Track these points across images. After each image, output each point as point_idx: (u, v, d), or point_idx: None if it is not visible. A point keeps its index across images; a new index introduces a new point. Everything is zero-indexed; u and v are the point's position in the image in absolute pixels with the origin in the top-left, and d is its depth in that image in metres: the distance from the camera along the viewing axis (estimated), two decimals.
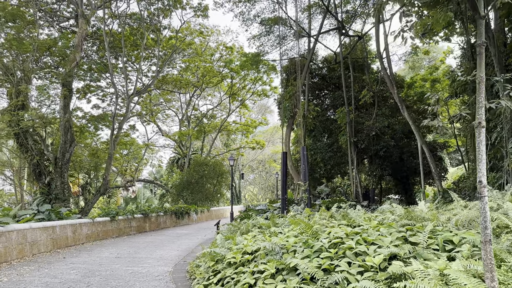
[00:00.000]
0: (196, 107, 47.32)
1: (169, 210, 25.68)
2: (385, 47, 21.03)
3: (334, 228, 6.87)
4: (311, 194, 24.02)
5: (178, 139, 44.75)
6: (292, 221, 7.57)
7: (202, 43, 40.12)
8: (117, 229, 19.36)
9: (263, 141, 49.29)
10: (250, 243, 7.33)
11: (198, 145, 51.06)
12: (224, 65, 40.75)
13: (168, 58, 33.07)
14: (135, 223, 21.23)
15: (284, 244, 6.45)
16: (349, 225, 7.21)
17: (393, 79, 20.84)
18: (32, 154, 24.11)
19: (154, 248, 14.60)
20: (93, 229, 17.18)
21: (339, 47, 23.86)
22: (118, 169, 36.88)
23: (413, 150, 27.32)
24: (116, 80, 37.40)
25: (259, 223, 10.09)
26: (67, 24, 33.97)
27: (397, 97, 20.54)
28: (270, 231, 8.75)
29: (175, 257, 12.17)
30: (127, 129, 40.27)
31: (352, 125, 23.55)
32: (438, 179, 20.41)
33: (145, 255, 12.72)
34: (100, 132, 39.63)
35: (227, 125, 46.84)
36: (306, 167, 12.33)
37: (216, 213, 35.76)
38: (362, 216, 8.26)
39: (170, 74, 40.65)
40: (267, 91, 45.58)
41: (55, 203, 23.62)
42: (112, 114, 29.65)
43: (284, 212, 13.10)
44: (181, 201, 35.75)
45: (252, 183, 78.00)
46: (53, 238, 13.61)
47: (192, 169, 37.33)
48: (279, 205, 19.65)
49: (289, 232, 8.02)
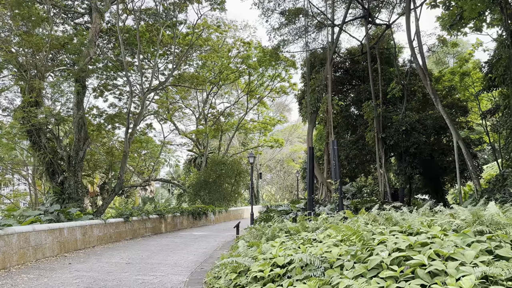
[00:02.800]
0: (213, 105, 46.27)
1: (186, 210, 24.58)
2: (417, 34, 19.42)
3: (385, 235, 5.50)
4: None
5: (195, 137, 43.79)
6: (335, 227, 6.22)
7: (219, 39, 39.00)
8: (131, 230, 18.32)
9: (282, 139, 47.94)
10: (280, 252, 6.02)
11: (215, 145, 50.01)
12: (241, 61, 39.55)
13: (185, 53, 32.04)
14: (150, 224, 20.18)
15: (325, 255, 5.13)
16: (403, 232, 5.82)
17: (426, 70, 19.21)
18: (45, 152, 23.33)
19: (169, 252, 13.43)
20: (105, 230, 16.14)
21: (365, 37, 22.31)
22: (134, 168, 36.07)
23: (444, 147, 25.56)
24: (132, 78, 36.73)
25: (286, 227, 8.77)
26: (81, 21, 33.31)
27: (430, 89, 18.90)
28: (301, 237, 7.42)
29: (191, 264, 10.95)
30: (144, 128, 39.51)
31: (380, 120, 21.98)
32: (476, 177, 18.67)
33: (158, 260, 11.55)
34: (118, 131, 39.06)
35: (244, 123, 45.63)
36: (337, 163, 10.98)
37: (234, 213, 34.57)
38: (417, 220, 6.86)
39: (187, 72, 39.69)
40: (285, 88, 44.17)
41: (68, 202, 22.81)
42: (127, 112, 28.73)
43: (312, 214, 11.75)
44: (198, 201, 34.70)
45: (270, 182, 76.71)
46: (60, 241, 12.58)
47: (210, 168, 36.25)
48: (302, 205, 18.27)
49: (326, 240, 6.68)
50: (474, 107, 32.39)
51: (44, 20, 26.20)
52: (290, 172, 67.84)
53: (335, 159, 11.09)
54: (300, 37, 24.60)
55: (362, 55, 24.79)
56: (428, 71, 29.04)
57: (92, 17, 26.91)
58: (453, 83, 30.89)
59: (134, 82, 37.25)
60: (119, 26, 29.73)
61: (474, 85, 31.56)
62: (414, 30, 20.12)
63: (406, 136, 21.94)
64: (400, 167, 23.52)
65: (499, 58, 19.58)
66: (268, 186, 77.06)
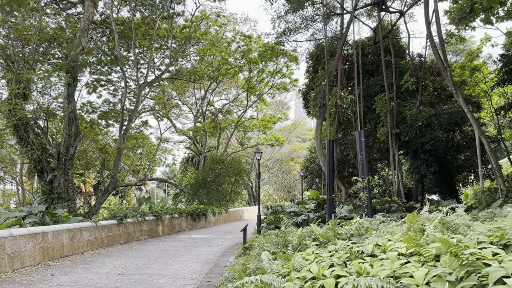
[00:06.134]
0: (212, 103, 44.65)
1: (184, 211, 22.97)
2: (436, 22, 17.96)
3: (473, 248, 3.97)
4: (347, 194, 21.05)
5: (192, 135, 42.13)
6: (405, 239, 4.66)
7: (218, 33, 37.39)
8: (125, 233, 16.71)
9: (282, 138, 46.37)
10: (325, 271, 4.47)
11: (213, 143, 48.36)
12: (241, 56, 37.94)
13: (182, 44, 30.38)
14: (146, 226, 18.56)
15: (403, 281, 3.58)
16: (492, 243, 4.30)
17: (446, 60, 17.73)
18: (33, 148, 21.62)
19: (168, 259, 11.85)
20: (96, 234, 14.53)
21: (378, 25, 20.82)
22: (129, 167, 34.34)
23: (459, 144, 24.13)
24: (127, 73, 35.07)
25: (314, 233, 7.22)
26: (74, 12, 31.63)
27: (451, 81, 17.43)
28: (337, 248, 5.89)
29: (195, 274, 9.39)
30: (139, 125, 37.85)
31: (394, 114, 20.51)
32: (500, 176, 17.20)
33: (157, 270, 9.97)
34: (112, 128, 37.37)
35: (244, 120, 44.03)
36: (364, 158, 9.47)
37: (234, 214, 32.98)
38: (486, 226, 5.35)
39: (185, 68, 38.06)
40: (286, 84, 42.61)
41: (58, 203, 21.14)
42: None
43: (332, 217, 10.24)
44: (196, 201, 33.09)
45: (268, 182, 75.14)
46: (43, 248, 10.95)
47: (208, 167, 34.63)
48: (313, 206, 16.75)
49: (377, 251, 5.14)
50: (484, 104, 31.08)
51: (34, 10, 24.51)
52: (289, 172, 66.34)
53: (362, 152, 9.57)
54: (306, 27, 23.04)
55: (374, 45, 23.28)
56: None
57: (85, 5, 25.25)
58: (464, 78, 29.52)
59: (129, 77, 35.63)
60: (113, 17, 28.09)
61: (485, 80, 30.23)
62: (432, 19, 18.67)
63: (422, 132, 20.48)
64: (414, 165, 22.05)
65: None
66: (265, 186, 75.50)
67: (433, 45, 18.17)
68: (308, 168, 36.95)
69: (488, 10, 22.48)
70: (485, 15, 23.28)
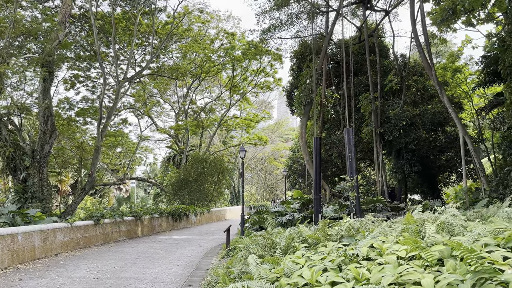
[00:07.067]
0: (194, 101, 43.93)
1: (165, 211, 22.32)
2: (422, 21, 17.90)
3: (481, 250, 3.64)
4: (331, 194, 20.83)
5: (174, 133, 41.32)
6: (406, 241, 4.30)
7: (200, 30, 36.74)
8: (102, 234, 16.01)
9: (266, 137, 46.00)
10: (319, 277, 4.07)
11: (196, 142, 47.61)
12: (224, 53, 37.35)
13: (164, 40, 29.67)
14: (124, 227, 17.87)
15: (404, 286, 3.22)
16: (499, 245, 3.99)
17: (431, 59, 17.68)
18: (6, 145, 20.65)
19: (147, 261, 11.29)
20: (72, 235, 13.82)
21: (363, 24, 20.66)
22: (107, 165, 33.39)
23: (441, 145, 24.25)
24: (107, 70, 34.13)
25: (302, 235, 6.83)
26: (51, 5, 30.54)
27: (436, 80, 17.39)
28: (330, 250, 5.52)
29: (176, 278, 8.89)
30: (119, 123, 36.90)
31: (378, 113, 20.38)
32: (483, 175, 17.24)
33: (135, 273, 9.42)
34: (90, 126, 36.34)
35: (227, 119, 43.45)
36: (353, 156, 9.16)
37: (216, 214, 32.43)
38: (486, 227, 5.07)
39: (166, 65, 37.28)
40: (270, 83, 42.25)
41: (32, 202, 20.23)
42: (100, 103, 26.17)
43: (319, 216, 9.89)
44: (178, 201, 32.39)
45: (250, 182, 74.76)
46: (12, 250, 10.25)
47: (190, 166, 33.97)
48: (298, 206, 16.42)
49: (373, 254, 4.78)
50: (465, 104, 31.47)
51: (8, 1, 23.45)
52: (271, 172, 66.11)
53: (351, 150, 9.26)
54: (291, 24, 22.71)
55: (358, 44, 23.16)
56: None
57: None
58: (445, 79, 29.80)
59: (109, 73, 34.69)
60: (92, 11, 27.22)
61: (466, 82, 30.61)
62: (417, 18, 18.62)
63: (405, 132, 20.43)
64: (397, 164, 22.01)
65: (506, 48, 18.22)
66: (248, 186, 75.09)
67: (418, 44, 18.11)
68: (291, 167, 36.71)
69: (470, 12, 22.65)
70: (466, 17, 23.47)
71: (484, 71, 23.20)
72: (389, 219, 9.14)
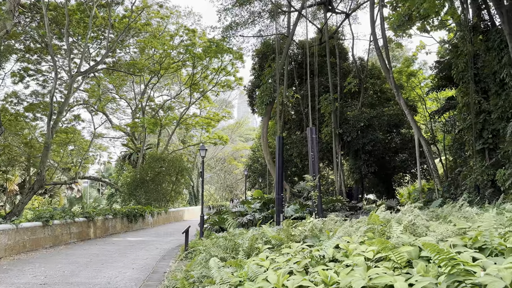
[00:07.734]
0: (152, 98, 42.72)
1: (119, 212, 21.44)
2: (381, 24, 18.34)
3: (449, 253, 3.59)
4: (292, 193, 20.87)
5: (130, 131, 39.93)
6: (376, 241, 4.18)
7: (160, 25, 35.78)
8: (51, 236, 15.06)
9: (226, 136, 45.58)
10: (286, 281, 3.87)
11: (153, 141, 46.30)
12: (185, 50, 36.57)
13: (121, 34, 28.58)
14: (76, 228, 16.93)
15: None
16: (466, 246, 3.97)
17: (389, 62, 18.15)
18: None
19: (99, 265, 10.67)
20: (17, 238, 12.86)
21: (324, 25, 20.89)
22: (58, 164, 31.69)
23: (396, 146, 25.07)
24: (59, 63, 32.39)
25: (265, 235, 6.64)
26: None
27: (393, 83, 17.89)
28: (295, 251, 5.35)
29: (130, 282, 8.42)
30: (71, 119, 35.14)
31: (337, 114, 20.68)
32: (437, 176, 17.94)
33: (86, 278, 8.83)
34: (40, 123, 34.39)
35: (186, 118, 42.58)
36: (316, 156, 9.10)
37: (174, 215, 31.69)
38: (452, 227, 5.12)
39: (123, 60, 35.97)
40: (231, 82, 41.85)
41: None
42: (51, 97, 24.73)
43: (281, 216, 9.77)
44: (133, 201, 31.28)
45: (209, 182, 74.01)
46: None
47: (147, 165, 32.95)
48: (258, 206, 16.26)
49: (340, 256, 4.66)
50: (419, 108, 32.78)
51: None
52: (231, 171, 65.76)
53: (314, 150, 9.20)
54: (253, 22, 22.58)
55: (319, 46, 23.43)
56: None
57: None
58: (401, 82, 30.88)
59: (61, 67, 32.96)
60: (44, 1, 25.65)
61: (420, 86, 31.89)
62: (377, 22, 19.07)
63: (363, 133, 20.89)
64: (355, 165, 22.47)
65: (459, 54, 19.06)
66: (207, 186, 74.27)
67: (377, 47, 18.53)
68: (252, 167, 36.62)
69: (424, 19, 23.58)
70: (421, 24, 24.44)
71: (438, 76, 24.22)
72: (348, 218, 9.18)
